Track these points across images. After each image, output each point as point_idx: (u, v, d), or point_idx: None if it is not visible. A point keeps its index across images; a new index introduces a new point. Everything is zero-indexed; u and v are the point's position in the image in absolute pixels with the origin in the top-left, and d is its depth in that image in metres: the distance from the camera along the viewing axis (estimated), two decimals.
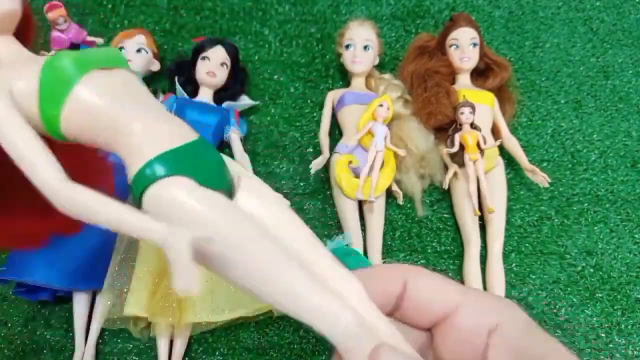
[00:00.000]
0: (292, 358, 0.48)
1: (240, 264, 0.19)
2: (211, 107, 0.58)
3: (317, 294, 0.19)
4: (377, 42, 0.62)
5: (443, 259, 0.55)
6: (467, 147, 0.54)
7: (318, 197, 0.57)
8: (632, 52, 0.71)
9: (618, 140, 0.64)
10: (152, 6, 0.71)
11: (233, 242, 0.19)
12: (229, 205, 0.20)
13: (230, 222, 0.19)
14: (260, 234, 0.20)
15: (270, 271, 0.19)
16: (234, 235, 0.19)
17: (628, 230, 0.57)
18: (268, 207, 0.22)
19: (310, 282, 0.20)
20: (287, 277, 0.19)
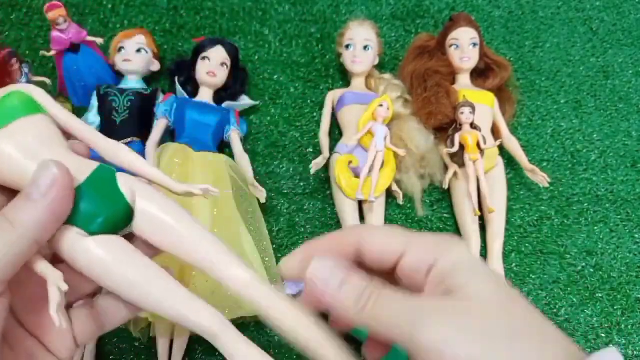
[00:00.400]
0: (292, 358, 0.48)
1: (120, 290, 0.26)
2: (211, 107, 0.58)
3: (182, 306, 0.26)
4: (377, 42, 0.62)
5: None
6: (467, 147, 0.54)
7: (318, 197, 0.57)
8: (632, 52, 0.71)
9: (618, 140, 0.64)
10: (152, 6, 0.71)
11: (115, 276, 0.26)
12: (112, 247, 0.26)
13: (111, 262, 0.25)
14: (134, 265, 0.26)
15: (142, 291, 0.26)
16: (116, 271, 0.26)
17: (628, 230, 0.57)
18: (163, 211, 0.28)
19: (176, 296, 0.26)
20: (157, 296, 0.26)
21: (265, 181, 0.58)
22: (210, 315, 0.27)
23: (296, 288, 0.48)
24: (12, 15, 0.68)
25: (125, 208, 0.27)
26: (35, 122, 0.27)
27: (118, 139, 0.54)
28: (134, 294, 0.26)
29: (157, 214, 0.28)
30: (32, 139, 0.26)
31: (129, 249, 0.27)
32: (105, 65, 0.61)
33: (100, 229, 0.26)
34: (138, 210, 0.28)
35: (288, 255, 0.27)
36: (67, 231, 0.25)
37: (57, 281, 0.24)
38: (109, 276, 0.26)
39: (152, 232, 0.28)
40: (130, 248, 0.27)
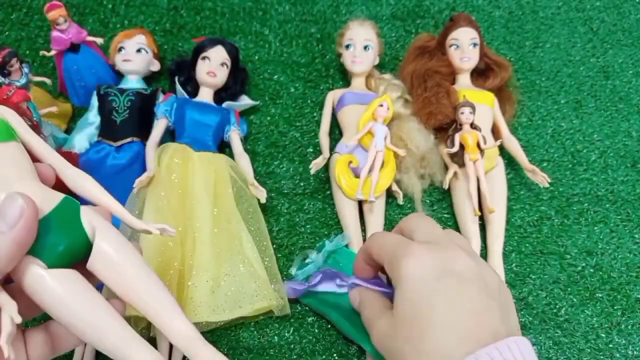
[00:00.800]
0: (292, 358, 0.48)
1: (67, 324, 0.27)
2: (211, 107, 0.58)
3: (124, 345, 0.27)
4: (377, 42, 0.62)
5: None
6: (467, 147, 0.54)
7: (318, 197, 0.57)
8: (632, 52, 0.71)
9: (618, 140, 0.64)
10: (152, 6, 0.71)
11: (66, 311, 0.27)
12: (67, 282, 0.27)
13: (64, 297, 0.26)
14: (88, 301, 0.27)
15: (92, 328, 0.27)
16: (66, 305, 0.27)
17: (628, 230, 0.57)
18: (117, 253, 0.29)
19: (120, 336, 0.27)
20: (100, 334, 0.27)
21: (265, 181, 0.58)
22: (149, 356, 0.27)
23: (293, 293, 0.49)
24: (12, 15, 0.68)
25: (85, 242, 0.28)
26: (7, 149, 0.27)
27: (118, 139, 0.55)
28: (78, 329, 0.27)
29: (111, 256, 0.29)
30: (2, 167, 0.27)
31: (82, 285, 0.27)
32: (106, 65, 0.61)
33: (57, 260, 0.27)
34: (97, 249, 0.28)
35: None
36: (25, 259, 0.26)
37: (12, 312, 0.25)
38: (58, 310, 0.26)
39: (104, 272, 0.29)
40: (83, 285, 0.27)
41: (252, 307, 0.47)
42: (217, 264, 0.48)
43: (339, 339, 0.49)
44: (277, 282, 0.50)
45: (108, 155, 0.54)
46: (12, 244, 0.24)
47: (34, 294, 0.26)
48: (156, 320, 0.29)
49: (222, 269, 0.48)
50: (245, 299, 0.47)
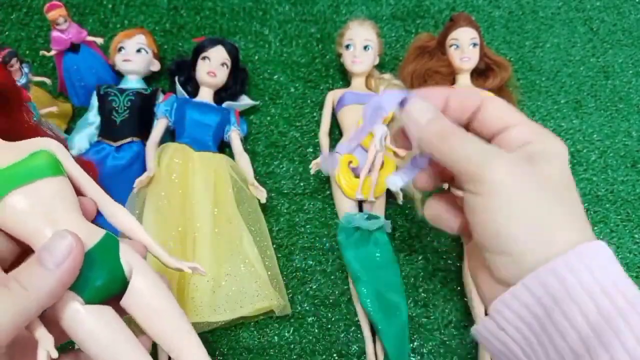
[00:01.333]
0: (292, 358, 0.48)
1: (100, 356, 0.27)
2: (211, 107, 0.58)
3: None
4: (377, 42, 0.62)
5: (443, 259, 0.55)
6: None
7: (318, 197, 0.57)
8: (632, 52, 0.71)
9: (618, 140, 0.64)
10: (152, 6, 0.71)
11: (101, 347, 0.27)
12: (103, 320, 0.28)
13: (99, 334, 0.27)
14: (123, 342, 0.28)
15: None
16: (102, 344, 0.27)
17: (628, 230, 0.57)
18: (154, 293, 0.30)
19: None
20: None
21: (265, 181, 0.58)
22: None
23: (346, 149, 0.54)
24: (12, 15, 0.68)
25: (122, 280, 0.29)
26: (55, 184, 0.29)
27: (118, 138, 0.55)
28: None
29: (146, 297, 0.30)
30: (50, 200, 0.28)
31: (115, 324, 0.28)
32: (106, 65, 0.61)
33: (94, 296, 0.28)
34: (133, 288, 0.29)
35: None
36: (65, 293, 0.27)
37: (49, 347, 0.25)
38: (90, 345, 0.27)
39: (137, 311, 0.30)
40: (117, 323, 0.28)
41: (253, 307, 0.47)
42: (217, 264, 0.48)
43: (339, 339, 0.49)
44: (277, 282, 0.50)
45: (108, 155, 0.54)
46: (56, 282, 0.25)
47: (69, 327, 0.27)
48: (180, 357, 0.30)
49: (222, 269, 0.48)
50: (246, 299, 0.47)
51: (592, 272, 0.24)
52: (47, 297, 0.25)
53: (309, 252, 0.53)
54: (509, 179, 0.26)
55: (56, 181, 0.29)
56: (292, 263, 0.53)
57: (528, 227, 0.26)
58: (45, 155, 0.29)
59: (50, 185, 0.28)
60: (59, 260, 0.25)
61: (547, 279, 0.24)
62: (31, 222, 0.27)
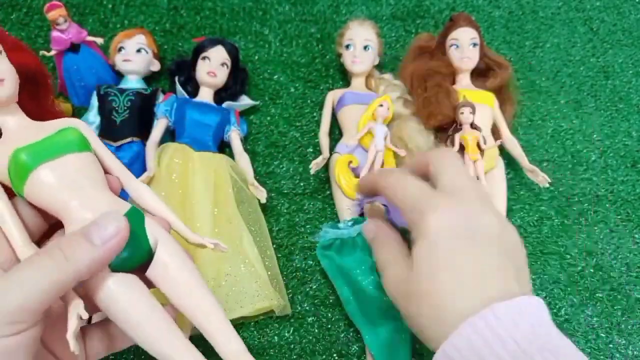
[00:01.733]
0: (292, 358, 0.48)
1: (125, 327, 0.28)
2: (211, 107, 0.58)
3: (181, 355, 0.29)
4: (377, 42, 0.62)
5: None
6: (467, 147, 0.54)
7: (318, 197, 0.57)
8: (632, 52, 0.71)
9: (618, 140, 0.64)
10: (152, 6, 0.71)
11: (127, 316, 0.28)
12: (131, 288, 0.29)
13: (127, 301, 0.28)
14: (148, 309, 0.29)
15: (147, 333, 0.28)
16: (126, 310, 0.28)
17: (628, 230, 0.57)
18: (181, 270, 0.31)
19: (177, 345, 0.29)
20: (155, 339, 0.28)
21: (265, 181, 0.58)
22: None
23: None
24: (12, 15, 0.68)
25: (147, 251, 0.30)
26: (83, 159, 0.30)
27: (118, 139, 0.55)
28: (133, 332, 0.29)
29: (172, 268, 0.30)
30: (78, 174, 0.29)
31: (141, 291, 0.29)
32: (105, 65, 0.61)
33: (120, 265, 0.29)
34: (157, 259, 0.30)
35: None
36: None
37: (80, 309, 0.26)
38: (116, 312, 0.28)
39: (162, 281, 0.30)
40: (142, 291, 0.29)
41: (253, 307, 0.47)
42: (217, 264, 0.48)
43: (339, 339, 0.49)
44: (277, 282, 0.50)
45: None
46: (98, 258, 0.26)
47: (95, 294, 0.28)
48: (207, 332, 0.31)
49: (223, 269, 0.48)
50: (246, 299, 0.47)
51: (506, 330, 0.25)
52: (86, 270, 0.25)
53: (309, 252, 0.53)
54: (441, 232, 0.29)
55: (84, 156, 0.30)
56: (292, 263, 0.53)
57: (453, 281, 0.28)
58: (74, 132, 0.30)
59: (79, 159, 0.29)
60: (106, 238, 0.26)
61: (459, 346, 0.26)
62: (59, 195, 0.28)
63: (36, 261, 0.25)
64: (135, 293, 0.28)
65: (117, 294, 0.28)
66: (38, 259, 0.25)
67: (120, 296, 0.28)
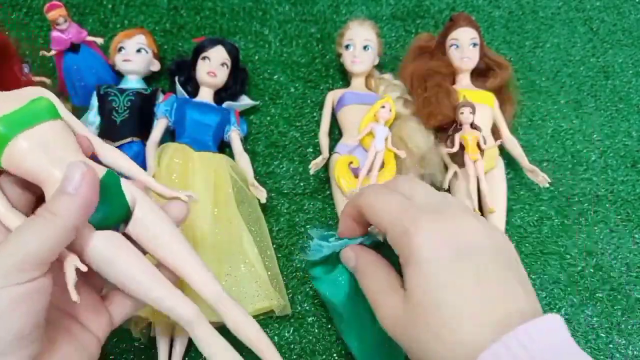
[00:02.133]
0: (292, 358, 0.48)
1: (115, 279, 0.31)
2: (211, 107, 0.58)
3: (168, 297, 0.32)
4: (377, 42, 0.62)
5: None
6: (467, 147, 0.54)
7: (318, 197, 0.57)
8: (632, 52, 0.71)
9: (618, 140, 0.64)
10: (152, 6, 0.71)
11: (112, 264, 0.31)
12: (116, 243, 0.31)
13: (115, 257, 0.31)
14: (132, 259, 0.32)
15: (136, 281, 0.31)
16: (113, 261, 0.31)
17: (628, 230, 0.57)
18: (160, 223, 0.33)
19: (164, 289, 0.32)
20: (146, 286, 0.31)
21: (265, 181, 0.58)
22: (190, 307, 0.32)
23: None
24: (12, 15, 0.68)
25: (126, 210, 0.32)
26: (56, 126, 0.31)
27: (118, 139, 0.55)
28: (126, 283, 0.31)
29: (150, 224, 0.33)
30: (53, 141, 0.30)
31: (125, 244, 0.32)
32: (105, 65, 0.61)
33: (102, 223, 0.31)
34: (136, 217, 0.33)
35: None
36: None
37: (76, 262, 0.29)
38: (106, 266, 0.31)
39: (143, 237, 0.33)
40: (126, 244, 0.32)
41: (253, 307, 0.47)
42: (217, 264, 0.48)
43: (339, 339, 0.49)
44: (277, 282, 0.50)
45: None
46: (79, 203, 0.28)
47: (84, 252, 0.30)
48: (185, 277, 0.33)
49: (223, 269, 0.48)
50: (247, 299, 0.47)
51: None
52: (75, 217, 0.28)
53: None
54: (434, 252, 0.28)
55: (57, 124, 0.31)
56: (292, 263, 0.53)
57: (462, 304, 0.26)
58: (45, 101, 0.31)
59: (52, 127, 0.31)
60: (77, 184, 0.28)
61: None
62: (38, 162, 0.30)
63: (30, 222, 0.27)
64: (118, 244, 0.31)
65: (103, 248, 0.30)
66: (31, 221, 0.27)
67: (106, 250, 0.30)
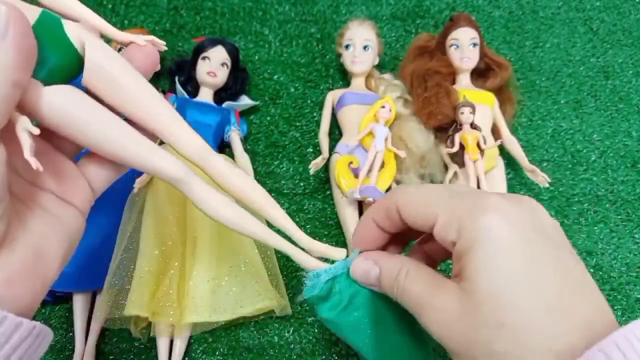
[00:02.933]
0: (292, 358, 0.48)
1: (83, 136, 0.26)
2: (212, 107, 0.58)
3: (147, 152, 0.27)
4: (377, 42, 0.62)
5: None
6: (467, 147, 0.54)
7: (318, 197, 0.57)
8: (632, 52, 0.71)
9: (618, 140, 0.64)
10: (152, 6, 0.71)
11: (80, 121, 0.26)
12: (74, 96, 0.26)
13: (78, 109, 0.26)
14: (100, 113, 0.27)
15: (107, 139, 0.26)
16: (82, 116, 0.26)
17: (628, 230, 0.57)
18: (118, 66, 0.27)
19: (141, 144, 0.27)
20: (122, 142, 0.27)
21: (265, 181, 0.58)
22: (176, 164, 0.28)
23: None
24: None
25: (74, 56, 0.27)
26: None
27: None
28: (100, 143, 0.26)
29: (110, 69, 0.27)
30: None
31: (83, 97, 0.26)
32: None
33: (50, 77, 0.26)
34: (89, 62, 0.27)
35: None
36: None
37: (27, 125, 0.24)
38: (70, 125, 0.26)
39: (101, 86, 0.27)
40: (84, 97, 0.26)
41: (253, 307, 0.47)
42: (218, 264, 0.48)
43: (339, 339, 0.49)
44: (277, 282, 0.50)
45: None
46: (13, 51, 0.22)
47: (37, 111, 0.25)
48: (163, 132, 0.28)
49: (223, 268, 0.48)
50: (247, 299, 0.47)
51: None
52: (12, 68, 0.22)
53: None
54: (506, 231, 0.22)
55: None
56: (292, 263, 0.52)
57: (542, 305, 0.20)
58: None
59: None
60: (2, 31, 0.22)
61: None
62: None
63: None
64: (76, 97, 0.26)
65: (61, 103, 0.25)
66: None
67: (66, 105, 0.25)
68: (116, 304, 0.46)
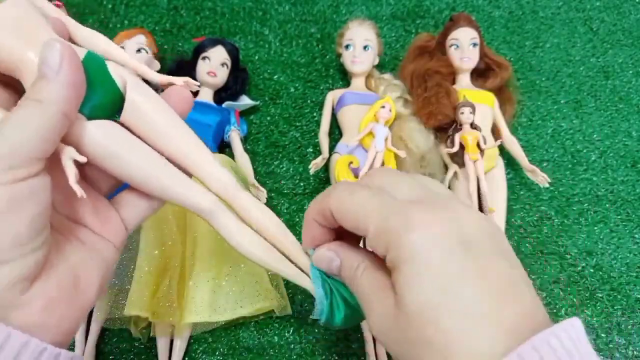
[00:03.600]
0: (292, 358, 0.48)
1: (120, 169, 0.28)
2: (212, 107, 0.58)
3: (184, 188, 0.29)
4: (377, 42, 0.62)
5: None
6: (467, 147, 0.54)
7: None
8: (632, 52, 0.71)
9: (618, 140, 0.64)
10: (152, 6, 0.71)
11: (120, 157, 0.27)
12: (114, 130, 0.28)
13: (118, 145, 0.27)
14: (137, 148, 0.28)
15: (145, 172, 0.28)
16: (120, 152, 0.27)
17: (628, 230, 0.57)
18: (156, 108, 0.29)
19: (178, 179, 0.29)
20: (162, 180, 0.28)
21: (265, 181, 0.58)
22: (208, 197, 0.30)
23: None
24: None
25: (117, 95, 0.28)
26: (20, 6, 0.27)
27: None
28: (134, 176, 0.28)
29: (145, 107, 0.28)
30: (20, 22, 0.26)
31: (124, 132, 0.28)
32: None
33: (94, 112, 0.27)
34: (129, 101, 0.28)
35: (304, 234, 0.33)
36: None
37: (73, 154, 0.25)
38: (109, 158, 0.27)
39: (139, 124, 0.29)
40: (124, 132, 0.28)
41: (253, 307, 0.47)
42: (218, 264, 0.48)
43: (339, 339, 0.49)
44: (277, 282, 0.50)
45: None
46: (64, 86, 0.24)
47: (80, 145, 0.26)
48: (194, 168, 0.30)
49: (223, 268, 0.48)
50: (247, 299, 0.47)
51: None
52: (63, 102, 0.24)
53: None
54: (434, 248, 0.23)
55: (20, 2, 0.27)
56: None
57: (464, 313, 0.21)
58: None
59: (16, 4, 0.27)
60: (56, 67, 0.24)
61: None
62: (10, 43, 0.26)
63: (13, 114, 0.24)
64: (116, 132, 0.27)
65: (102, 138, 0.27)
66: (14, 113, 0.24)
67: (106, 139, 0.27)
68: (116, 304, 0.46)
